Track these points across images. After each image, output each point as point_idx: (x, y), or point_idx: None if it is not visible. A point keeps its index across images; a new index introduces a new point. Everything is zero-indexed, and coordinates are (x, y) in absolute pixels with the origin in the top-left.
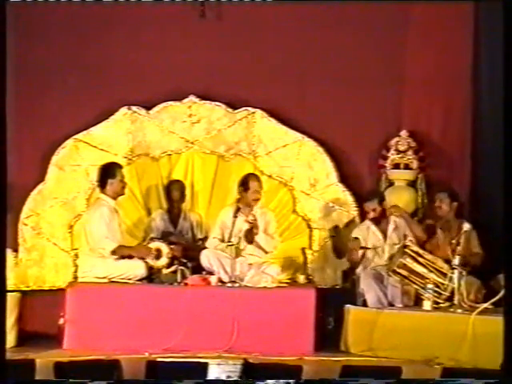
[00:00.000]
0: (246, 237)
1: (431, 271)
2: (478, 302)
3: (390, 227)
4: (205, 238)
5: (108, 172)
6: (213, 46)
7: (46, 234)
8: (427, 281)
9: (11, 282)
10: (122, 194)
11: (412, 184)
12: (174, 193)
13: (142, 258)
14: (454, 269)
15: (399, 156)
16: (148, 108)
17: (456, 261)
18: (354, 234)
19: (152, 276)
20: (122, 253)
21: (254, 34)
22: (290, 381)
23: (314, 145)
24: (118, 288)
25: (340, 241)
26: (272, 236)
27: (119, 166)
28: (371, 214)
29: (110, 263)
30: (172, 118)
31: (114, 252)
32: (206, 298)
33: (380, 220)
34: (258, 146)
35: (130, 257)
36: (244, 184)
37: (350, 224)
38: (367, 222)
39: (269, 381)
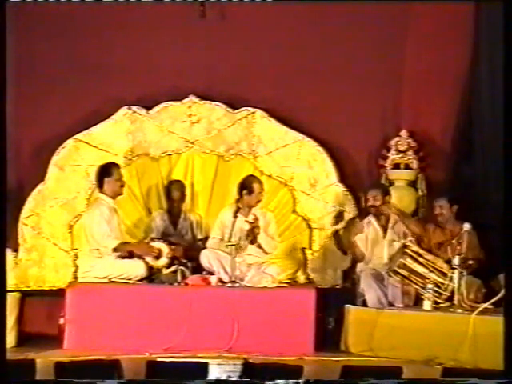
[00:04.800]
0: (248, 237)
1: (431, 271)
2: (477, 301)
3: (390, 223)
4: (205, 238)
5: (104, 171)
6: (213, 46)
7: (46, 234)
8: (427, 281)
9: (11, 282)
10: (121, 194)
11: (412, 184)
12: (174, 193)
13: (143, 258)
14: (454, 269)
15: (399, 156)
16: (148, 108)
17: (456, 261)
18: (356, 229)
19: (152, 276)
20: (124, 249)
21: (254, 33)
22: (300, 381)
23: (314, 145)
24: (118, 288)
25: (345, 238)
26: (272, 237)
27: (116, 166)
28: (371, 201)
29: (109, 263)
30: (172, 118)
31: (115, 249)
32: (206, 298)
33: (380, 215)
34: (258, 146)
35: (131, 257)
36: (247, 187)
37: (350, 224)
38: (368, 217)
39: (278, 381)
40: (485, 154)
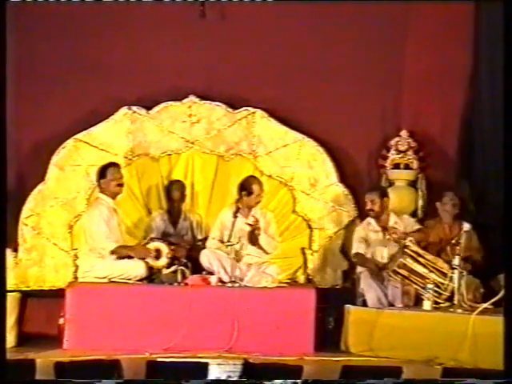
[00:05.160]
0: (249, 238)
1: (431, 271)
2: (476, 301)
3: (390, 224)
4: (205, 238)
5: (99, 174)
6: (213, 46)
7: (46, 234)
8: (427, 281)
9: (11, 282)
10: (120, 193)
11: (412, 184)
12: (174, 193)
13: (143, 258)
14: (454, 269)
15: (399, 156)
16: (148, 108)
17: (456, 261)
18: (357, 231)
19: (152, 276)
20: (122, 253)
21: (255, 33)
22: (298, 381)
23: (314, 145)
24: (118, 288)
25: (347, 241)
26: (272, 237)
27: (112, 165)
28: (369, 205)
29: (109, 263)
30: (172, 118)
31: (113, 252)
32: (206, 298)
33: (380, 216)
34: (258, 146)
35: (130, 257)
36: (246, 188)
37: (351, 224)
38: (368, 219)
39: (276, 381)
40: (485, 153)
